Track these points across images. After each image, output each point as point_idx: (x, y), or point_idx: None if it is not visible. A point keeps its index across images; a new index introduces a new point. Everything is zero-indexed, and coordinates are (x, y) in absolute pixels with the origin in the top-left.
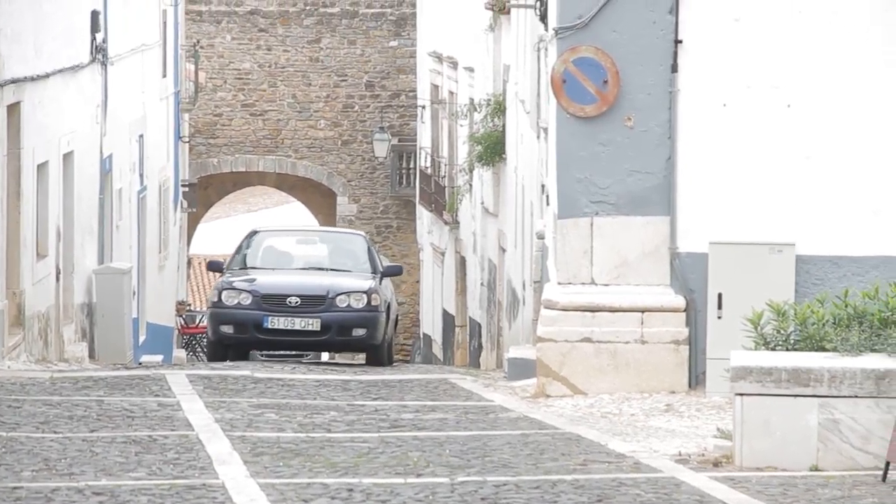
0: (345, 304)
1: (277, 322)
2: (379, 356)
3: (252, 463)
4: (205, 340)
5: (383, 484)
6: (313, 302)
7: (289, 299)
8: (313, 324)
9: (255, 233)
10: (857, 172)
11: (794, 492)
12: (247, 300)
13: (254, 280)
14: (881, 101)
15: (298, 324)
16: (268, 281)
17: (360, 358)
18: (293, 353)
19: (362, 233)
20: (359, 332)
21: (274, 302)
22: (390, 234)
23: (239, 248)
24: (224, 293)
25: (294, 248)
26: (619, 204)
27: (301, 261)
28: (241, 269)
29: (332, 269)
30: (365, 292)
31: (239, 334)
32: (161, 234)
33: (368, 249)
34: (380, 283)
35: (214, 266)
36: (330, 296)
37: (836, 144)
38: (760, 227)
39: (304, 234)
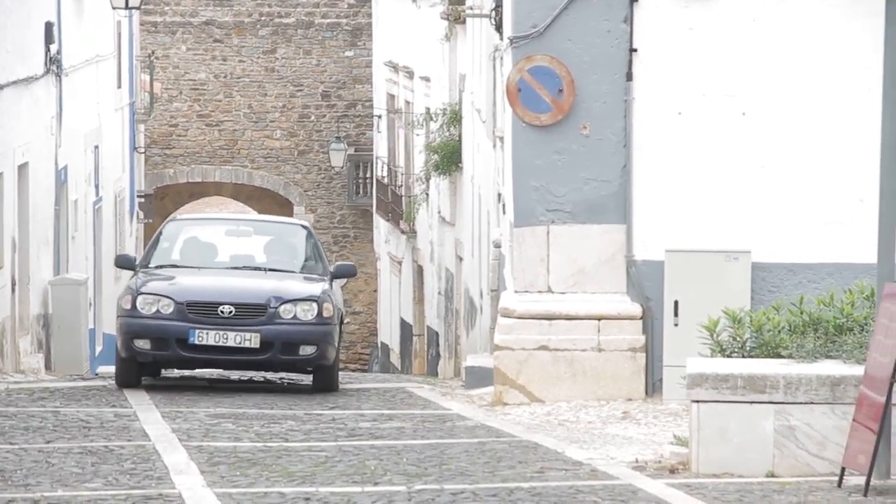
0: (290, 316)
1: (206, 336)
2: (329, 378)
3: (209, 472)
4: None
5: (340, 493)
6: (251, 312)
7: (220, 308)
8: (251, 339)
9: (173, 220)
10: (813, 180)
11: (751, 498)
12: (168, 308)
13: (175, 282)
14: (835, 110)
15: (232, 339)
16: (193, 284)
17: (306, 379)
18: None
19: (305, 222)
20: (307, 350)
21: (202, 311)
22: (347, 243)
23: (155, 241)
24: (140, 299)
25: (223, 241)
26: (575, 212)
27: (232, 257)
28: (158, 266)
29: (270, 269)
30: (315, 300)
31: (158, 350)
32: (117, 245)
33: (315, 244)
34: (331, 287)
35: (124, 262)
36: (272, 305)
37: (792, 152)
38: (716, 234)
39: (234, 224)
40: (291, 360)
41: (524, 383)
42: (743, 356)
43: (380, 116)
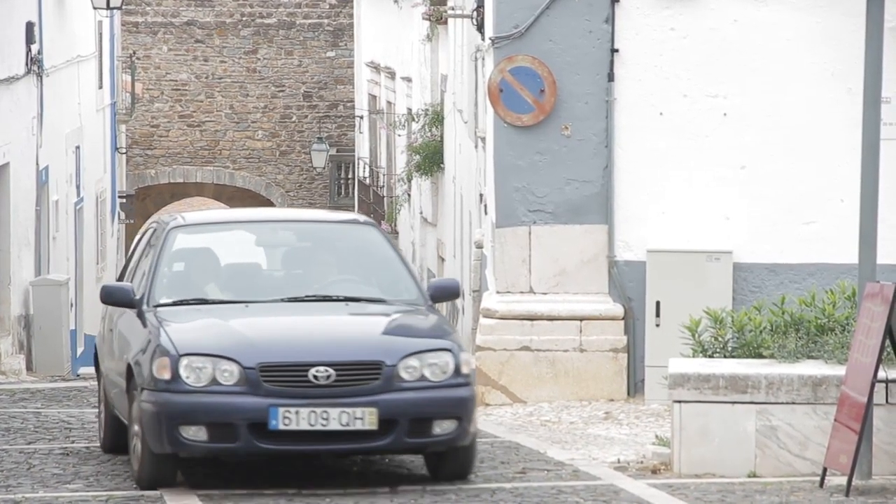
0: (416, 376)
1: (295, 417)
2: (465, 463)
3: (191, 474)
4: (136, 446)
5: (324, 493)
6: (360, 375)
7: (313, 372)
8: (364, 417)
9: (179, 227)
10: (794, 181)
11: (733, 498)
12: (231, 376)
13: (231, 332)
14: (815, 110)
15: (336, 419)
16: (263, 334)
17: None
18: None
19: (368, 218)
20: (444, 426)
21: (285, 378)
22: None
23: (160, 260)
24: (184, 363)
25: (258, 255)
26: (557, 213)
27: (285, 281)
28: (176, 302)
29: (349, 299)
30: (449, 349)
31: (219, 442)
32: (98, 246)
33: (396, 252)
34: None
35: (115, 296)
36: (389, 361)
37: (773, 153)
38: (698, 235)
39: (269, 228)
40: (422, 443)
41: (506, 384)
42: (725, 356)
43: (362, 117)
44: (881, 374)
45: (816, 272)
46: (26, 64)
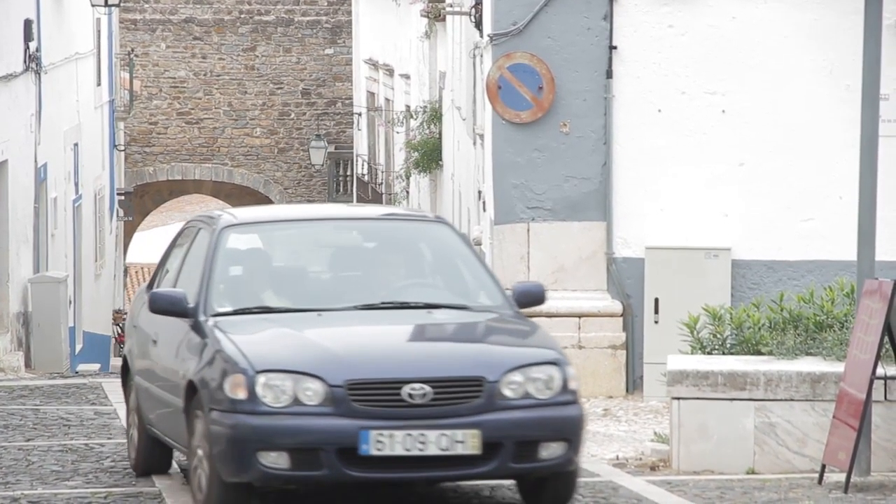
0: (520, 393)
1: (390, 442)
2: (567, 488)
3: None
4: (200, 473)
5: (321, 491)
6: (459, 393)
7: (407, 389)
8: (466, 441)
9: (230, 226)
10: (792, 178)
11: (731, 495)
12: (315, 395)
13: (311, 345)
14: (814, 107)
15: (434, 442)
16: (348, 347)
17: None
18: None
19: (440, 216)
20: (552, 449)
21: (377, 397)
22: None
23: (213, 264)
24: (262, 381)
25: (323, 257)
26: (555, 209)
27: (350, 285)
28: (237, 311)
29: (429, 306)
30: (555, 363)
31: (302, 470)
32: (97, 243)
33: (476, 256)
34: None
35: (168, 303)
36: (491, 377)
37: (771, 150)
38: (696, 232)
39: (331, 226)
40: (528, 468)
41: None
42: (723, 353)
43: (360, 114)
44: (880, 371)
45: (815, 269)
46: (24, 61)
